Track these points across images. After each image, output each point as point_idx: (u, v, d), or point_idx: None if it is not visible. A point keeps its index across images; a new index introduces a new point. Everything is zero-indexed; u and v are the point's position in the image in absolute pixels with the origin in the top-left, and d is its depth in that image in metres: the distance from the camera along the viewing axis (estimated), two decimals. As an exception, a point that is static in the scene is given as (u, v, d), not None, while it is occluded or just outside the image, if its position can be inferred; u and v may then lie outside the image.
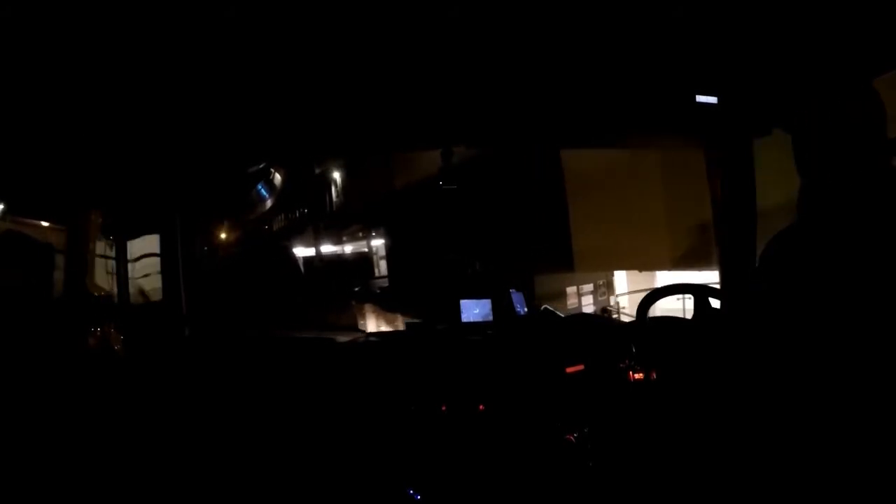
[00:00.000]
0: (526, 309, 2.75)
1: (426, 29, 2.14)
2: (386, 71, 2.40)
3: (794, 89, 2.39)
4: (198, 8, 1.96)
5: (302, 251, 7.84)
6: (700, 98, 2.48)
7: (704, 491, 2.13)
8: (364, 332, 3.24)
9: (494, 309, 2.76)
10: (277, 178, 6.16)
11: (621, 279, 6.96)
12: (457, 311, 2.75)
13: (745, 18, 2.19)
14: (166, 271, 2.92)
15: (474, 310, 2.72)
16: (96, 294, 2.63)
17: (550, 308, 2.98)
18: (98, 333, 2.52)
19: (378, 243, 7.81)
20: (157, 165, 2.84)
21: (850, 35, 2.20)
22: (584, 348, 2.54)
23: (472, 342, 2.66)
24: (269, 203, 6.50)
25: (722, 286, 2.77)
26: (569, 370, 2.44)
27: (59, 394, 2.36)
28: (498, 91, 2.51)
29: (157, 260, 3.05)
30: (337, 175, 7.44)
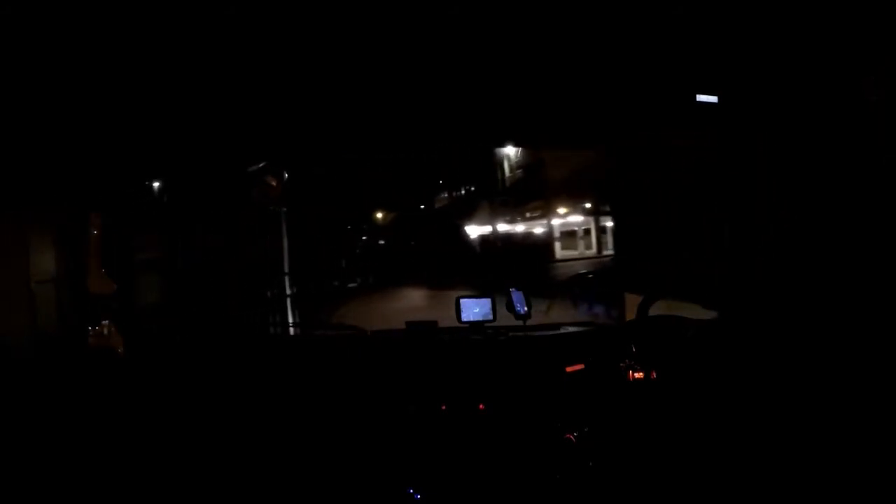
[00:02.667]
0: (526, 308, 2.74)
1: (430, 27, 2.15)
2: (386, 70, 2.40)
3: (794, 89, 2.40)
4: (198, 7, 1.96)
5: (473, 230, 7.39)
6: (700, 98, 2.49)
7: (704, 490, 2.13)
8: (364, 330, 3.23)
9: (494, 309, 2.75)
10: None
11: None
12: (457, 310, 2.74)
13: (745, 18, 2.19)
14: (170, 271, 2.92)
15: (474, 309, 2.71)
16: (96, 294, 2.63)
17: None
18: (98, 333, 2.52)
19: (558, 223, 7.31)
20: (158, 165, 2.84)
21: (849, 35, 2.20)
22: (584, 348, 2.54)
23: (472, 342, 2.66)
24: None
25: (723, 286, 2.77)
26: (569, 370, 2.44)
27: (59, 393, 2.37)
28: (498, 90, 2.52)
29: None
30: (511, 149, 6.69)
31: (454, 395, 2.37)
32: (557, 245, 7.41)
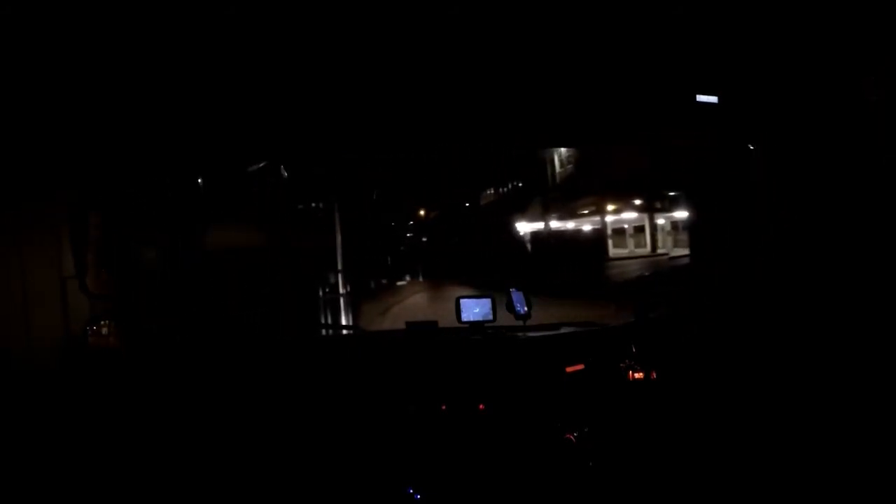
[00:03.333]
0: (526, 308, 2.74)
1: (430, 28, 2.15)
2: (386, 70, 2.40)
3: (794, 89, 2.40)
4: (198, 7, 1.96)
5: (521, 228, 7.13)
6: (700, 98, 2.49)
7: (704, 490, 2.13)
8: (364, 329, 3.23)
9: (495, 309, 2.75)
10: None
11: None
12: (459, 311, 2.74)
13: (745, 18, 2.19)
14: (170, 270, 2.92)
15: (474, 309, 2.71)
16: (97, 293, 2.63)
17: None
18: (97, 332, 2.52)
19: (611, 220, 7.04)
20: (158, 165, 2.84)
21: (849, 35, 2.20)
22: (584, 348, 2.54)
23: (472, 342, 2.66)
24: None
25: (724, 285, 2.77)
26: (569, 370, 2.44)
27: (60, 392, 2.37)
28: (497, 90, 2.51)
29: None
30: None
31: (454, 395, 2.37)
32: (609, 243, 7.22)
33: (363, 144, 2.89)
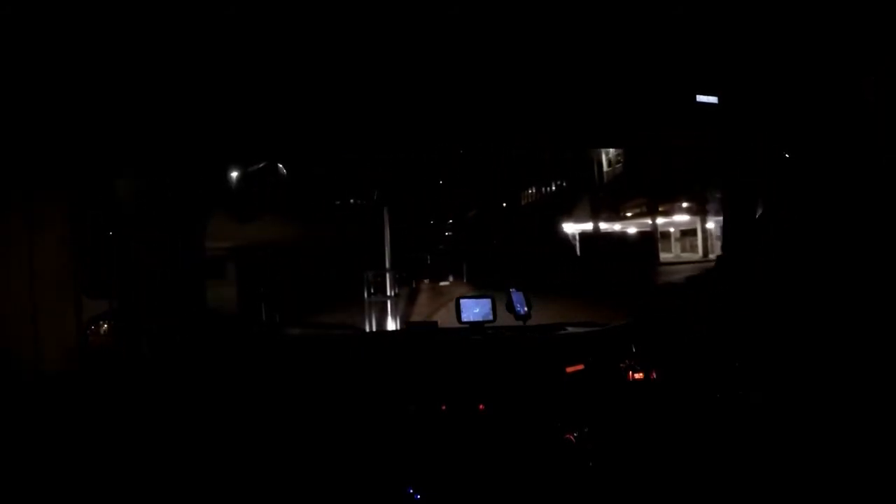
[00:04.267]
0: (526, 308, 2.74)
1: (430, 28, 2.15)
2: (385, 70, 2.40)
3: (794, 89, 2.40)
4: (199, 6, 1.96)
5: (569, 228, 6.83)
6: (700, 98, 2.49)
7: (703, 490, 2.13)
8: (364, 330, 3.23)
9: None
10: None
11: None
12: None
13: (745, 18, 2.19)
14: (170, 270, 2.91)
15: (474, 309, 2.71)
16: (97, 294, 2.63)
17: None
18: (95, 332, 2.52)
19: (661, 221, 6.53)
20: (158, 164, 2.84)
21: (849, 35, 2.20)
22: (584, 348, 2.54)
23: (472, 342, 2.66)
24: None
25: (724, 283, 2.78)
26: (569, 370, 2.44)
27: (60, 393, 2.36)
28: (497, 90, 2.51)
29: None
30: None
31: (454, 395, 2.37)
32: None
33: (363, 144, 2.90)
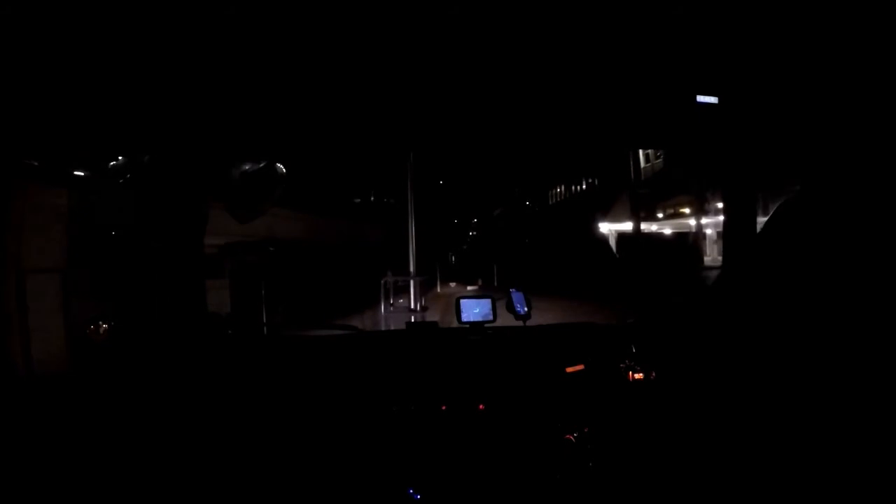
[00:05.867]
0: (526, 308, 2.74)
1: (430, 28, 2.15)
2: (385, 70, 2.40)
3: (794, 89, 2.40)
4: (199, 6, 1.96)
5: (605, 228, 6.36)
6: (700, 98, 2.49)
7: (704, 491, 2.13)
8: (363, 329, 3.22)
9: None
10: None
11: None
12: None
13: (745, 19, 2.19)
14: (170, 270, 2.91)
15: (474, 310, 2.71)
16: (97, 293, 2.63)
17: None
18: (94, 331, 2.52)
19: (709, 220, 5.91)
20: (158, 164, 2.84)
21: (849, 35, 2.21)
22: (585, 348, 2.54)
23: (472, 342, 2.66)
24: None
25: (724, 283, 2.78)
26: (569, 370, 2.44)
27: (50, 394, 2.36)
28: (496, 90, 2.51)
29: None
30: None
31: (454, 395, 2.37)
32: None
33: (363, 145, 2.90)
